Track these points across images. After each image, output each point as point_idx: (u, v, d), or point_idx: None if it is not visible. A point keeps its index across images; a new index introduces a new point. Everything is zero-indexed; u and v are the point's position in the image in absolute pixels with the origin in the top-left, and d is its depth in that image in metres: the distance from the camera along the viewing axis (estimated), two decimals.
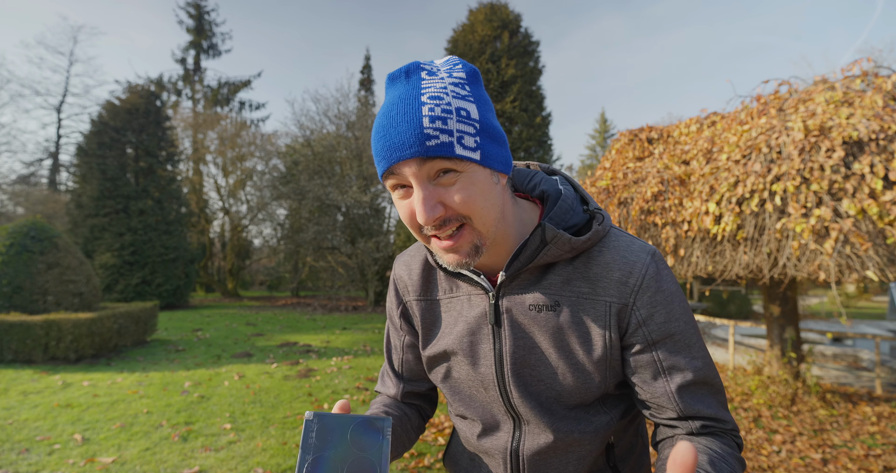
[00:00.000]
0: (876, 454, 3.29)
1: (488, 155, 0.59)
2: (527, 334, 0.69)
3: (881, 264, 3.19)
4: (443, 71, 0.60)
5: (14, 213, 18.85)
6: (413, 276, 0.80)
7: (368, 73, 26.57)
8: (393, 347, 0.87)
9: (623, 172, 5.28)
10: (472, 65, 0.62)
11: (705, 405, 0.65)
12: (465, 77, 0.60)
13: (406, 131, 0.54)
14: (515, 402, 0.70)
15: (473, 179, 0.58)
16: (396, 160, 0.56)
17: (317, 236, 14.34)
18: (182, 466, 2.90)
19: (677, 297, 0.66)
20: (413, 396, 0.87)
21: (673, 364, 0.65)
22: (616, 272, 0.66)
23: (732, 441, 0.66)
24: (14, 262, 6.29)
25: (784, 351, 4.86)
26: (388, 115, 0.57)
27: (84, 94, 27.75)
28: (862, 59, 4.19)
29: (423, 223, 0.57)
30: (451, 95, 0.57)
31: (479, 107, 0.59)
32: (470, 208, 0.58)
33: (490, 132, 0.59)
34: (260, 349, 6.97)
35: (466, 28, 13.76)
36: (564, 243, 0.64)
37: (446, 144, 0.55)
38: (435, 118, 0.54)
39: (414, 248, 0.84)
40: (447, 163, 0.56)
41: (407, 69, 0.58)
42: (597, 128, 34.44)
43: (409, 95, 0.56)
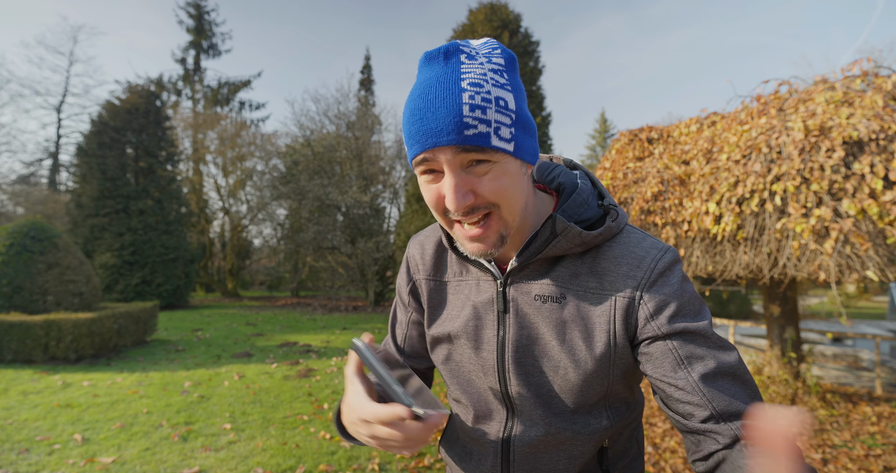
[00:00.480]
0: (876, 454, 3.29)
1: (521, 146, 0.59)
2: (530, 323, 0.68)
3: (881, 264, 3.19)
4: (482, 55, 0.58)
5: (14, 213, 18.84)
6: (426, 256, 0.81)
7: (368, 73, 26.57)
8: (398, 322, 0.88)
9: (623, 172, 5.28)
10: (510, 50, 0.61)
11: (740, 400, 0.57)
12: (504, 64, 0.59)
13: (445, 118, 0.54)
14: (512, 391, 0.70)
15: (506, 169, 0.58)
16: (432, 146, 0.55)
17: (317, 236, 14.34)
18: (182, 466, 2.90)
19: (688, 292, 0.63)
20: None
21: (691, 353, 0.59)
22: (623, 266, 0.65)
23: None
24: (14, 262, 6.29)
25: (784, 351, 4.86)
26: (425, 97, 0.55)
27: (84, 94, 27.73)
28: (862, 59, 4.19)
29: (453, 210, 0.58)
30: (490, 83, 0.55)
31: (516, 96, 0.58)
32: (500, 197, 0.58)
33: (524, 123, 0.59)
34: (260, 349, 6.97)
35: (466, 28, 13.76)
36: (574, 236, 0.64)
37: (484, 135, 0.54)
38: (475, 107, 0.54)
39: (430, 229, 0.85)
40: (482, 154, 0.56)
41: (446, 50, 0.57)
42: (597, 128, 34.44)
43: (448, 79, 0.55)
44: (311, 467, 2.93)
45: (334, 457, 3.07)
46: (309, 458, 3.05)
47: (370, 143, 15.34)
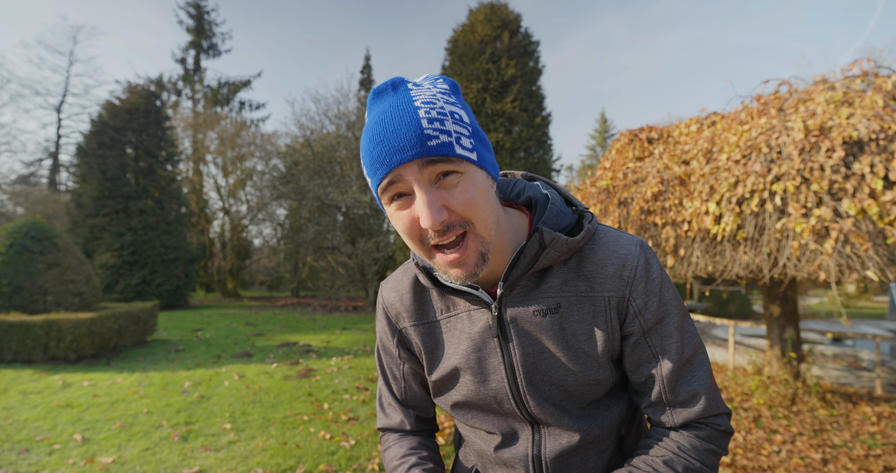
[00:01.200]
0: (876, 454, 3.29)
1: (483, 157, 0.60)
2: (535, 340, 0.69)
3: (881, 264, 3.19)
4: (426, 84, 0.61)
5: (14, 213, 18.85)
6: (405, 301, 0.77)
7: (368, 73, 26.56)
8: (391, 377, 0.84)
9: (623, 172, 5.28)
10: (451, 79, 0.65)
11: (691, 387, 0.67)
12: (449, 88, 0.62)
13: (405, 134, 0.54)
14: (533, 410, 0.70)
15: (474, 180, 0.58)
16: (398, 163, 0.55)
17: (317, 236, 14.34)
18: (182, 466, 2.90)
19: (666, 283, 0.70)
20: (422, 422, 0.85)
21: (665, 349, 0.68)
22: (610, 267, 0.68)
23: (713, 429, 0.68)
24: (14, 262, 6.29)
25: (784, 351, 4.86)
26: (382, 122, 0.56)
27: (84, 94, 27.74)
28: (862, 59, 4.19)
29: (429, 227, 0.56)
30: (441, 101, 0.58)
31: (468, 113, 0.61)
32: (472, 210, 0.58)
33: (480, 137, 0.61)
34: (260, 349, 6.97)
35: (466, 28, 13.75)
36: (562, 244, 0.65)
37: (447, 144, 0.55)
38: (433, 120, 0.55)
39: (399, 271, 0.81)
40: (448, 165, 0.56)
41: (393, 83, 0.60)
42: (597, 128, 34.45)
43: (401, 102, 0.57)
44: (311, 467, 2.93)
45: (334, 457, 3.07)
46: (309, 458, 3.05)
47: None
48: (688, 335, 0.69)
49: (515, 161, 12.86)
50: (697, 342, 0.70)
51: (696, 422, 0.68)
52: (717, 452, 0.68)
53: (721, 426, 0.68)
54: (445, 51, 14.13)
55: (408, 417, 0.83)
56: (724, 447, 0.68)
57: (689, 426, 0.68)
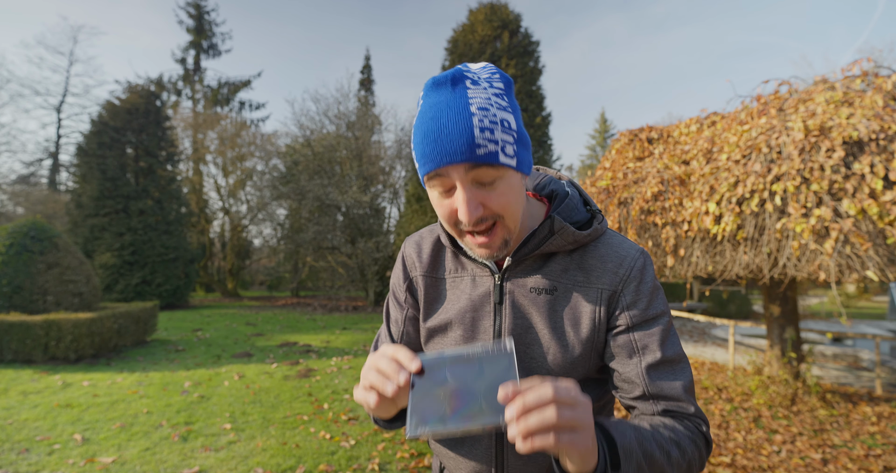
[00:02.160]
0: (876, 454, 3.29)
1: (522, 161, 0.66)
2: (525, 314, 0.75)
3: (881, 264, 3.19)
4: (483, 80, 0.65)
5: (14, 213, 18.84)
6: (423, 255, 0.86)
7: (368, 73, 26.56)
8: (393, 320, 0.91)
9: (623, 172, 5.28)
10: (507, 75, 0.68)
11: (671, 387, 0.70)
12: (503, 88, 0.66)
13: (458, 140, 0.60)
14: None
15: (511, 183, 0.65)
16: (446, 163, 0.61)
17: (317, 236, 14.34)
18: (182, 466, 2.90)
19: (657, 290, 0.75)
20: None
21: (646, 345, 0.71)
22: (609, 264, 0.74)
23: (694, 426, 0.69)
24: (14, 262, 6.29)
25: (784, 351, 4.86)
26: (437, 120, 0.61)
27: (84, 94, 27.68)
28: (862, 59, 4.19)
29: (466, 222, 0.65)
30: (495, 107, 0.63)
31: (515, 116, 0.66)
32: (505, 208, 0.66)
33: (523, 140, 0.67)
34: (260, 349, 6.97)
35: (466, 28, 13.76)
36: (569, 234, 0.73)
37: (493, 154, 0.61)
38: (484, 129, 0.61)
39: (426, 230, 0.90)
40: (491, 170, 0.62)
41: (453, 77, 0.64)
42: (597, 128, 34.44)
43: (458, 104, 0.61)
44: (311, 467, 2.93)
45: (334, 457, 3.07)
46: (309, 458, 3.05)
47: (370, 143, 15.35)
48: (672, 343, 0.72)
49: None
50: (682, 353, 0.73)
51: (678, 414, 0.70)
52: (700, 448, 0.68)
53: (703, 427, 0.70)
54: (445, 51, 14.13)
55: None
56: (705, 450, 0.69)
57: (673, 414, 0.70)
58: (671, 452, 0.63)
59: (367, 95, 24.09)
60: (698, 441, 0.68)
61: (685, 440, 0.66)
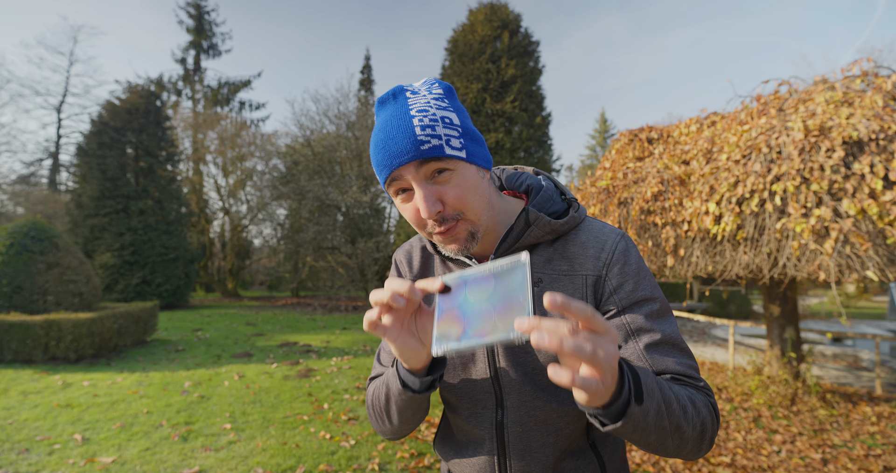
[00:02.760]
0: (876, 454, 3.29)
1: (472, 153, 0.69)
2: None
3: (881, 264, 3.20)
4: (423, 90, 0.70)
5: (14, 213, 18.84)
6: (413, 263, 0.89)
7: (368, 73, 26.58)
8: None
9: (623, 172, 5.28)
10: (446, 82, 0.73)
11: (674, 363, 0.68)
12: (443, 92, 0.70)
13: (402, 141, 0.64)
14: (501, 373, 0.76)
15: (464, 175, 0.67)
16: (397, 166, 0.65)
17: (317, 236, 14.33)
18: (182, 466, 2.91)
19: (644, 271, 0.75)
20: None
21: (640, 327, 0.70)
22: (590, 249, 0.75)
23: (708, 397, 0.68)
24: (14, 262, 6.29)
25: (784, 351, 4.86)
26: (384, 130, 0.66)
27: (84, 94, 27.73)
28: (862, 59, 4.19)
29: (427, 217, 0.66)
30: (434, 108, 0.67)
31: (459, 115, 0.69)
32: (463, 202, 0.67)
33: (471, 135, 0.70)
34: (260, 349, 6.97)
35: (466, 28, 13.75)
36: (545, 224, 0.74)
37: (437, 147, 0.64)
38: (425, 127, 0.64)
39: (415, 239, 0.93)
40: (440, 163, 0.65)
41: (393, 92, 0.69)
42: (597, 128, 34.43)
43: (399, 112, 0.66)
44: (311, 467, 2.93)
45: (334, 457, 3.07)
46: (309, 458, 3.05)
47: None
48: (668, 323, 0.71)
49: (515, 161, 12.86)
50: (678, 334, 0.71)
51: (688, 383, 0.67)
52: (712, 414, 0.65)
53: (712, 398, 0.68)
54: (445, 51, 14.13)
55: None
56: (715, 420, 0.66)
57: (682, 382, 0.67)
58: (687, 407, 0.61)
59: (367, 95, 24.07)
60: (712, 406, 0.66)
61: (700, 400, 0.64)
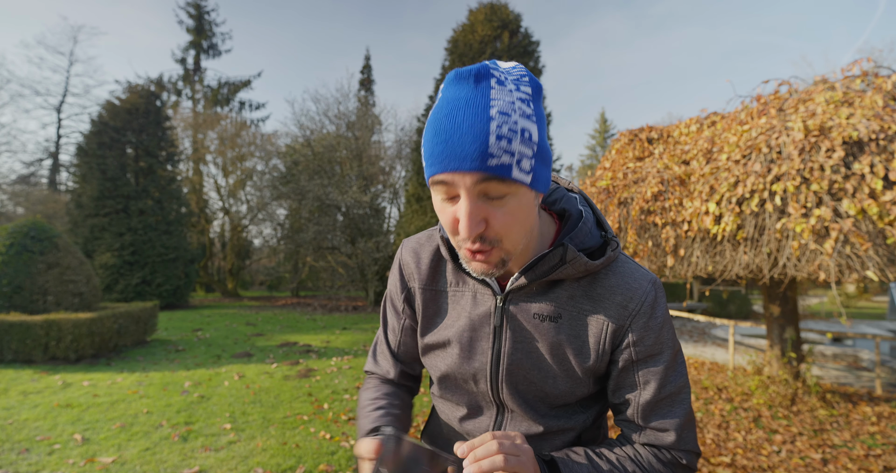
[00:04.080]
0: (876, 454, 3.29)
1: (538, 179, 0.59)
2: (527, 339, 0.73)
3: (881, 264, 3.20)
4: (510, 81, 0.57)
5: (14, 213, 18.84)
6: (422, 265, 0.82)
7: (368, 73, 26.57)
8: (391, 329, 0.88)
9: (623, 172, 5.28)
10: (537, 79, 0.61)
11: (662, 423, 0.70)
12: (531, 93, 0.58)
13: (471, 144, 0.53)
14: (504, 396, 0.75)
15: (520, 202, 0.58)
16: (454, 169, 0.55)
17: (317, 236, 14.33)
18: (182, 466, 2.90)
19: (667, 324, 0.72)
20: (406, 377, 0.90)
21: (648, 381, 0.70)
22: (618, 296, 0.70)
23: (676, 460, 0.71)
24: (14, 262, 6.29)
25: (784, 351, 4.86)
26: (452, 118, 0.55)
27: (84, 94, 27.67)
28: (862, 59, 4.19)
29: (464, 237, 0.58)
30: (517, 113, 0.55)
31: (539, 127, 0.58)
32: (508, 230, 0.59)
33: (544, 155, 0.59)
34: (260, 349, 6.97)
35: (466, 28, 13.76)
36: (581, 265, 0.68)
37: (506, 167, 0.54)
38: (501, 137, 0.53)
39: (424, 236, 0.84)
40: (500, 185, 0.55)
41: (477, 72, 0.56)
42: (597, 128, 34.45)
43: (478, 104, 0.54)
44: (311, 467, 2.93)
45: (334, 457, 3.07)
46: (309, 458, 3.05)
47: (370, 143, 15.35)
48: (675, 375, 0.71)
49: None
50: (683, 382, 0.72)
51: (660, 448, 0.71)
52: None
53: (684, 459, 0.71)
54: (445, 51, 14.13)
55: (394, 368, 0.88)
56: None
57: (654, 447, 0.72)
58: None
59: (367, 95, 24.09)
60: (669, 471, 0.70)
61: (640, 469, 0.69)
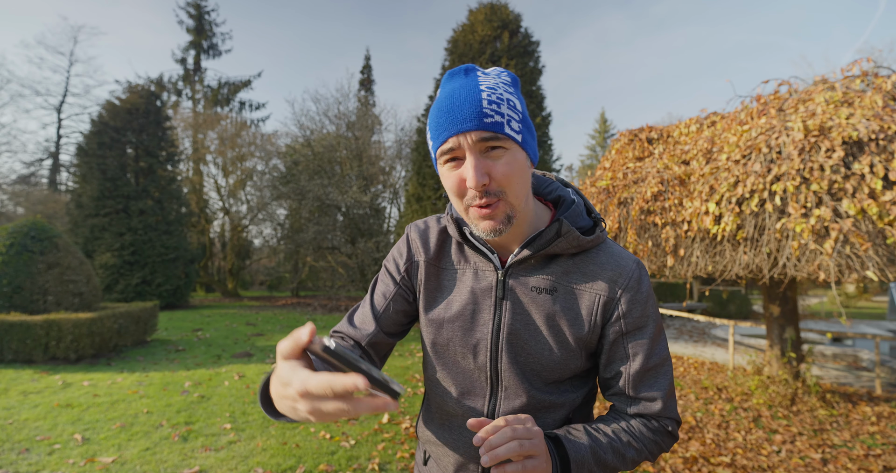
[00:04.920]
0: (876, 454, 3.29)
1: (526, 141, 0.72)
2: (525, 311, 0.79)
3: (881, 264, 3.20)
4: (492, 73, 0.74)
5: (14, 213, 18.83)
6: (429, 242, 0.88)
7: (368, 73, 26.57)
8: (380, 292, 0.89)
9: (623, 172, 5.28)
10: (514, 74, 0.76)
11: (649, 394, 0.78)
12: (510, 81, 0.74)
13: (469, 109, 0.67)
14: (502, 367, 0.79)
15: (515, 157, 0.70)
16: (457, 131, 0.67)
17: (317, 236, 14.34)
18: (182, 466, 2.91)
19: (652, 300, 0.81)
20: (375, 346, 0.87)
21: (636, 352, 0.78)
22: (609, 272, 0.79)
23: (662, 427, 0.79)
24: (14, 262, 6.29)
25: (784, 351, 4.86)
26: (451, 96, 0.68)
27: (84, 94, 27.71)
28: (862, 59, 4.19)
29: (473, 187, 0.67)
30: (502, 89, 0.70)
31: (521, 104, 0.72)
32: (509, 180, 0.69)
33: (528, 125, 0.73)
34: (260, 349, 6.97)
35: (466, 28, 13.75)
36: (574, 238, 0.77)
37: (499, 124, 0.67)
38: (492, 102, 0.67)
39: (431, 219, 0.92)
40: (497, 141, 0.68)
41: (465, 68, 0.71)
42: (597, 128, 34.44)
43: (469, 84, 0.69)
44: (311, 467, 2.93)
45: (334, 457, 3.08)
46: (309, 458, 3.05)
47: (370, 143, 15.35)
48: (659, 348, 0.79)
49: None
50: (666, 354, 0.80)
51: (649, 417, 0.79)
52: (660, 445, 0.79)
53: (669, 426, 0.79)
54: (445, 51, 14.13)
55: (371, 329, 0.86)
56: (667, 444, 0.80)
57: (643, 416, 0.79)
58: (626, 454, 0.75)
59: (367, 95, 24.09)
60: (662, 440, 0.79)
61: (645, 441, 0.77)
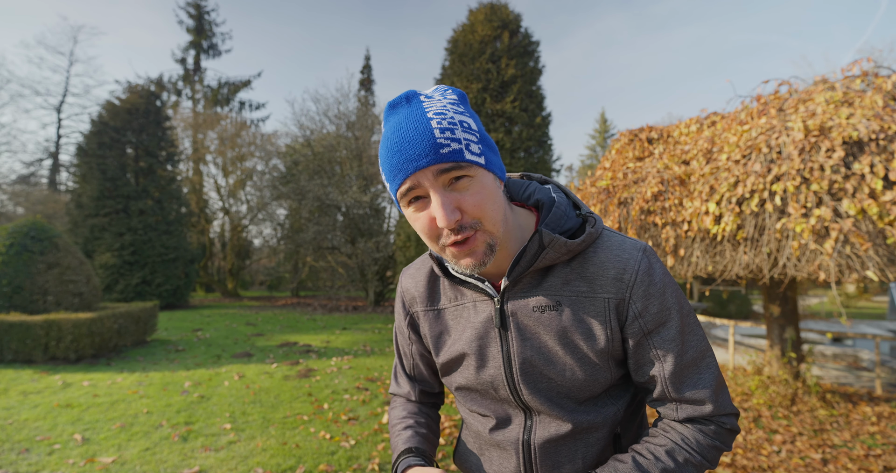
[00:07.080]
0: (876, 454, 3.29)
1: (490, 161, 0.65)
2: (533, 335, 0.73)
3: (881, 264, 3.19)
4: (437, 95, 0.66)
5: (14, 213, 18.84)
6: (419, 287, 0.85)
7: (368, 73, 26.58)
8: (403, 354, 0.93)
9: (623, 172, 5.27)
10: (459, 89, 0.70)
11: (693, 393, 0.69)
12: (457, 98, 0.67)
13: (420, 143, 0.60)
14: (526, 399, 0.75)
15: (483, 183, 0.63)
16: (414, 170, 0.60)
17: (317, 236, 14.33)
18: (182, 466, 2.90)
19: (670, 287, 0.71)
20: (426, 395, 0.95)
21: (666, 351, 0.69)
22: (612, 270, 0.70)
23: (719, 427, 0.70)
24: (14, 262, 6.29)
25: (784, 351, 4.86)
26: (398, 133, 0.61)
27: (84, 94, 27.71)
28: (862, 59, 4.18)
29: (445, 226, 0.61)
30: (451, 111, 0.63)
31: (475, 121, 0.66)
32: (482, 210, 0.63)
33: (488, 142, 0.66)
34: (260, 349, 6.97)
35: (466, 28, 13.75)
36: (561, 246, 0.69)
37: (457, 151, 0.60)
38: (444, 129, 0.60)
39: (418, 261, 0.89)
40: (459, 170, 0.61)
41: (406, 96, 0.65)
42: (597, 128, 34.43)
43: (415, 114, 0.62)
44: (311, 467, 2.93)
45: (334, 457, 3.07)
46: (309, 458, 3.05)
47: (370, 143, 15.34)
48: (692, 338, 0.71)
49: (515, 161, 12.86)
50: (704, 345, 0.71)
51: (701, 419, 0.70)
52: (721, 448, 0.70)
53: (727, 424, 0.70)
54: (445, 51, 14.13)
55: (413, 389, 0.93)
56: (728, 444, 0.71)
57: (695, 421, 0.71)
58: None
59: (367, 94, 24.09)
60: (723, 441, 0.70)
61: (704, 451, 0.69)
